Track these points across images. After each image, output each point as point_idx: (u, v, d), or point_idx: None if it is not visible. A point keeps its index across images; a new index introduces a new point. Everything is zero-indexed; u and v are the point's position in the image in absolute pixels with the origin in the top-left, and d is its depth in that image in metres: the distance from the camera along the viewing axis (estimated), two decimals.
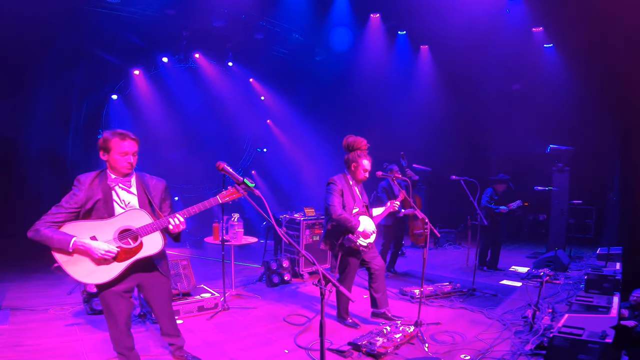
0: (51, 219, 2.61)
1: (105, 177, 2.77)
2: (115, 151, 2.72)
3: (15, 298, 4.79)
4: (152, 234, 2.76)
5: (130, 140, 2.77)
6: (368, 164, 4.13)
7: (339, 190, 4.03)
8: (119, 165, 2.75)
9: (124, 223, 2.71)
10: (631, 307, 3.96)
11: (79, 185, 2.69)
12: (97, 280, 2.66)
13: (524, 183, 7.63)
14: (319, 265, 2.21)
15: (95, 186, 2.71)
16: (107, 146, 2.73)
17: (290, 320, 4.43)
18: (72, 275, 2.62)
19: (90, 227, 2.65)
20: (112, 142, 2.72)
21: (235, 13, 7.64)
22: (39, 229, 2.57)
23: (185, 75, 8.98)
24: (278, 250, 6.94)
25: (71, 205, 2.65)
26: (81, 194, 2.67)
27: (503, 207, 6.51)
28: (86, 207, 2.68)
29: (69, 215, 2.65)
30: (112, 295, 2.76)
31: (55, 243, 2.56)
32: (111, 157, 2.74)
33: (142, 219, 2.75)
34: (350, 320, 4.31)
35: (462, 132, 9.91)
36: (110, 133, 2.76)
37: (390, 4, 8.41)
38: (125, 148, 2.74)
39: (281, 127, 10.83)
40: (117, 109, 8.27)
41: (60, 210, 2.63)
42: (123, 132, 2.77)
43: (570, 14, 7.25)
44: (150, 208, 2.87)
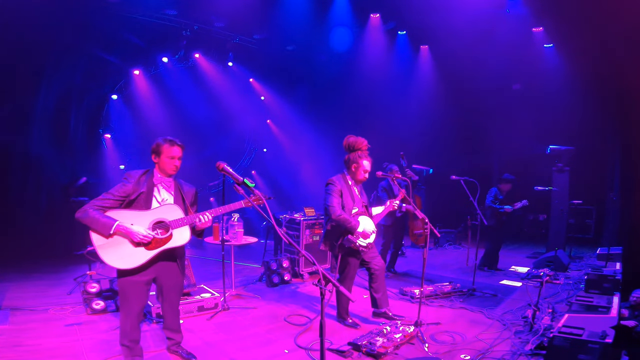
0: (100, 203, 2.93)
1: (152, 175, 3.15)
2: (165, 155, 3.11)
3: (15, 298, 4.79)
4: (182, 228, 3.07)
5: (178, 146, 3.16)
6: (368, 165, 4.13)
7: (338, 191, 4.03)
8: (167, 167, 3.13)
9: (159, 215, 3.03)
10: (631, 307, 3.96)
11: (129, 178, 3.05)
12: (126, 265, 2.90)
13: (524, 183, 7.63)
14: (319, 265, 2.21)
15: (142, 181, 3.08)
16: (159, 150, 3.13)
17: (290, 320, 4.43)
18: (103, 258, 2.85)
19: (130, 216, 2.96)
20: (163, 147, 3.12)
21: (235, 13, 7.63)
22: (87, 210, 2.87)
23: (185, 76, 8.97)
24: (278, 250, 6.94)
25: (120, 193, 2.99)
26: (130, 186, 3.02)
27: (508, 206, 6.50)
28: (131, 197, 3.01)
29: (115, 203, 2.97)
30: (133, 284, 2.98)
31: (99, 225, 2.84)
32: (161, 160, 3.13)
33: (175, 213, 3.08)
34: (350, 321, 4.31)
35: (462, 132, 9.91)
36: (162, 139, 3.16)
37: (390, 4, 8.40)
38: (174, 153, 3.13)
39: (281, 127, 10.82)
40: (117, 109, 8.27)
41: (108, 197, 2.96)
42: (172, 139, 3.16)
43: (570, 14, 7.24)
44: (183, 206, 3.18)
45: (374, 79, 9.70)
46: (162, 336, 3.89)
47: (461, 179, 5.62)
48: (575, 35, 7.69)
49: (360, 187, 4.36)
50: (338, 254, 4.09)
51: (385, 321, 4.28)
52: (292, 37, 8.93)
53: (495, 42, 8.22)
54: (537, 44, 8.73)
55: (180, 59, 8.64)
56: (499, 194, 6.64)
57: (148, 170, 3.17)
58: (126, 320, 3.04)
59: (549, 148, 8.03)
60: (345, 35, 8.90)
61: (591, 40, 7.26)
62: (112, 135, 8.23)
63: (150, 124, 8.54)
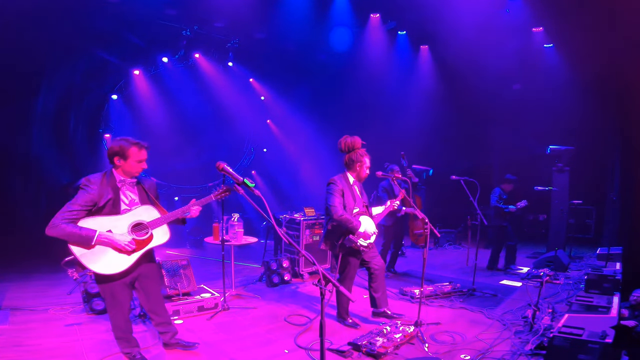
0: (68, 215, 2.81)
1: (113, 177, 3.04)
2: (133, 159, 3.02)
3: (15, 298, 4.79)
4: (161, 227, 3.10)
5: (145, 150, 3.10)
6: (369, 162, 4.20)
7: (339, 191, 4.04)
8: (134, 170, 3.06)
9: (135, 217, 3.03)
10: (631, 307, 3.96)
11: (90, 185, 2.93)
12: (113, 270, 2.90)
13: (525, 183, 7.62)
14: (319, 265, 2.21)
15: (105, 185, 2.97)
16: (125, 153, 3.01)
17: (291, 320, 4.43)
18: (88, 266, 2.83)
19: (107, 223, 2.92)
20: (131, 151, 3.01)
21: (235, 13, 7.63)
22: (58, 225, 2.76)
23: (185, 75, 8.97)
24: (278, 250, 6.94)
25: (86, 202, 2.88)
26: (94, 193, 2.91)
27: (512, 206, 6.51)
28: (98, 204, 2.92)
29: (82, 213, 2.87)
30: (120, 286, 3.02)
31: (78, 238, 2.77)
32: (127, 163, 3.02)
33: (151, 213, 3.10)
34: (350, 321, 4.31)
35: (462, 132, 9.91)
36: (127, 142, 3.03)
37: (390, 4, 8.40)
38: (142, 156, 3.06)
39: (281, 127, 10.82)
40: (117, 109, 8.27)
41: (75, 208, 2.84)
42: (140, 142, 3.07)
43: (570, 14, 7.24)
44: (151, 203, 3.17)
45: (374, 79, 9.70)
46: None
47: (461, 179, 5.62)
48: (575, 35, 7.68)
49: (361, 186, 4.36)
50: (339, 254, 4.10)
51: (386, 321, 4.28)
52: (292, 37, 8.92)
53: (495, 42, 8.22)
54: (537, 44, 8.72)
55: (180, 59, 8.65)
56: (503, 194, 6.65)
57: (106, 172, 3.08)
58: (119, 318, 3.13)
59: (549, 148, 8.03)
60: (345, 35, 8.89)
61: (591, 40, 7.26)
62: (112, 135, 8.23)
63: (150, 124, 8.55)
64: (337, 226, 4.04)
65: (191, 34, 8.17)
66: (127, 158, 3.02)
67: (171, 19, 7.74)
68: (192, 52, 8.74)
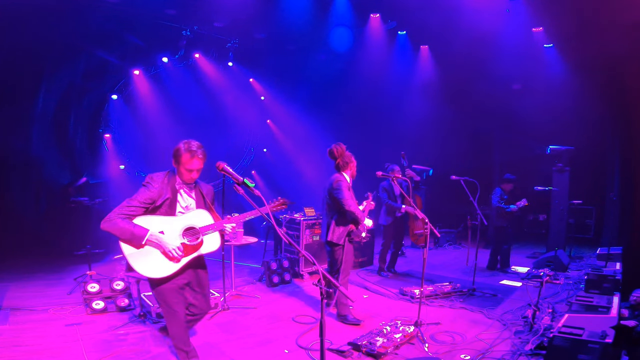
0: (126, 211, 2.77)
1: (174, 178, 2.99)
2: (183, 166, 2.91)
3: (15, 298, 4.79)
4: (212, 234, 3.02)
5: (198, 159, 2.93)
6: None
7: (347, 186, 4.35)
8: (184, 177, 2.96)
9: (189, 221, 2.96)
10: (631, 307, 3.96)
11: (152, 183, 2.89)
12: (159, 274, 2.81)
13: (525, 183, 7.63)
14: (319, 265, 2.22)
15: (165, 185, 2.93)
16: (178, 159, 2.93)
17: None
18: (135, 267, 2.75)
19: (160, 223, 2.86)
20: (183, 158, 2.90)
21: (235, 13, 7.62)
22: (114, 220, 2.72)
23: (186, 76, 8.96)
24: (278, 250, 6.94)
25: (145, 200, 2.84)
26: (155, 191, 2.87)
27: (513, 206, 6.52)
28: (156, 203, 2.87)
29: (140, 210, 2.83)
30: (171, 291, 2.91)
31: (129, 234, 2.71)
32: (179, 169, 2.95)
33: (204, 218, 3.02)
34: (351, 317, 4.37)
35: (462, 132, 9.90)
36: (184, 146, 2.92)
37: (390, 4, 8.40)
38: (192, 166, 2.92)
39: (281, 127, 10.82)
40: (117, 109, 8.26)
41: (134, 204, 2.80)
42: (194, 150, 2.91)
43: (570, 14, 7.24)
44: (206, 208, 3.09)
45: (374, 79, 9.69)
46: (161, 335, 3.90)
47: (461, 179, 5.62)
48: (575, 35, 7.68)
49: None
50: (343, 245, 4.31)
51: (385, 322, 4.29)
52: (292, 37, 8.92)
53: (495, 42, 8.21)
54: (537, 44, 8.71)
55: (180, 59, 8.64)
56: (504, 194, 6.66)
57: (169, 172, 3.01)
58: (176, 325, 2.99)
59: (549, 148, 8.03)
60: (345, 35, 8.89)
61: (591, 40, 7.26)
62: (112, 135, 8.23)
63: (150, 124, 8.54)
64: (343, 220, 4.30)
65: (191, 34, 8.16)
66: (179, 164, 2.94)
67: (171, 19, 7.73)
68: (192, 52, 8.74)
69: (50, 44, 6.81)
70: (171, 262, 2.85)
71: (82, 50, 7.27)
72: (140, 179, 9.11)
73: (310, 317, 4.53)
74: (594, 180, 8.82)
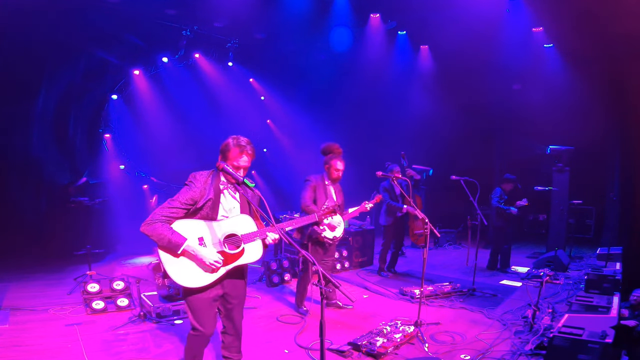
0: (168, 212, 2.57)
1: (217, 177, 2.76)
2: (231, 162, 2.71)
3: (15, 298, 4.79)
4: (254, 242, 2.76)
5: (248, 155, 2.76)
6: (340, 165, 4.55)
7: (312, 186, 4.49)
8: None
9: (230, 228, 2.71)
10: (631, 307, 3.96)
11: (194, 182, 2.67)
12: (194, 284, 2.58)
13: (525, 183, 7.64)
14: (318, 265, 2.22)
15: (208, 185, 2.70)
16: (226, 155, 2.74)
17: (284, 320, 4.46)
18: (170, 274, 2.56)
19: (200, 227, 2.64)
20: (232, 153, 2.72)
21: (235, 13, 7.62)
22: (154, 225, 2.51)
23: (186, 76, 8.96)
24: (278, 250, 6.94)
25: (187, 200, 2.63)
26: (197, 191, 2.65)
27: (513, 208, 6.50)
28: (198, 204, 2.65)
29: (183, 211, 2.62)
30: (203, 302, 2.66)
31: (166, 242, 2.50)
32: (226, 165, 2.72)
33: (247, 225, 2.76)
34: (304, 309, 4.60)
35: (462, 132, 9.90)
36: (233, 140, 2.75)
37: (390, 4, 8.40)
38: (241, 163, 2.73)
39: (281, 127, 10.82)
40: (117, 109, 8.26)
41: (176, 205, 2.60)
42: (243, 145, 2.74)
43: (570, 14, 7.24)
44: (250, 214, 2.84)
45: (374, 79, 9.69)
46: (161, 335, 3.90)
47: (461, 179, 5.62)
48: (575, 35, 7.68)
49: (338, 189, 4.68)
50: (307, 244, 4.44)
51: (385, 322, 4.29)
52: (292, 37, 8.92)
53: (495, 42, 8.21)
54: (537, 44, 8.72)
55: (180, 59, 8.64)
56: (504, 194, 6.65)
57: (213, 171, 2.78)
58: (195, 341, 2.73)
59: (549, 148, 8.03)
60: (345, 35, 8.89)
61: (591, 40, 7.26)
62: (112, 135, 8.23)
63: (150, 124, 8.54)
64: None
65: (191, 34, 8.16)
66: (226, 159, 2.73)
67: (171, 19, 7.73)
68: (192, 52, 8.74)
69: (50, 44, 6.81)
70: (208, 273, 2.62)
71: (82, 50, 7.27)
72: (141, 179, 9.14)
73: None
74: (594, 180, 8.83)
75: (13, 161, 6.96)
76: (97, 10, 6.75)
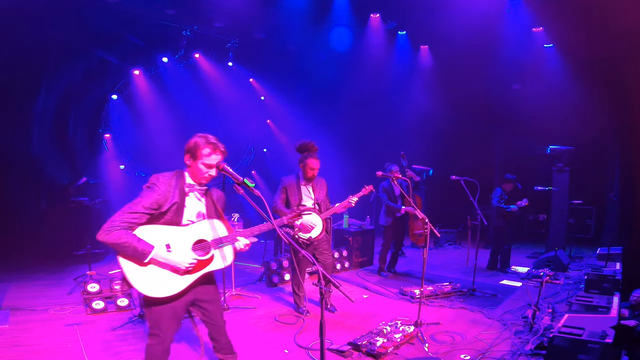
0: (129, 219, 2.35)
1: (182, 179, 2.58)
2: (201, 162, 2.54)
3: (15, 298, 4.79)
4: (225, 247, 2.64)
5: (220, 153, 2.59)
6: (315, 163, 4.49)
7: (282, 189, 4.54)
8: (200, 175, 2.57)
9: (199, 233, 2.57)
10: (631, 307, 3.96)
11: (158, 184, 2.47)
12: (163, 293, 2.42)
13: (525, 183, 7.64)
14: (318, 265, 2.22)
15: (173, 188, 2.50)
16: (195, 154, 2.55)
17: (284, 320, 4.46)
18: (134, 285, 2.38)
19: (166, 234, 2.45)
20: (201, 151, 2.54)
21: (235, 13, 7.63)
22: (116, 232, 2.30)
23: (186, 76, 8.96)
24: (278, 250, 6.94)
25: (151, 205, 2.41)
26: (161, 193, 2.45)
27: (513, 206, 6.51)
28: (162, 209, 2.45)
29: (146, 217, 2.41)
30: (168, 311, 2.49)
31: (131, 250, 2.31)
32: (196, 164, 2.55)
33: (217, 230, 2.62)
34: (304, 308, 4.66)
35: (462, 132, 9.90)
36: (203, 140, 2.56)
37: (390, 4, 8.40)
38: (213, 161, 2.56)
39: (281, 127, 10.82)
40: (117, 109, 8.26)
41: (138, 209, 2.38)
42: (214, 142, 2.57)
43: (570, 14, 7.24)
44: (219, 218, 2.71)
45: (374, 79, 9.70)
46: None
47: (461, 179, 5.62)
48: (575, 35, 7.68)
49: (319, 186, 4.61)
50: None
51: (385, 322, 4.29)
52: (292, 37, 8.92)
53: (495, 42, 8.22)
54: (537, 44, 8.72)
55: (180, 59, 8.64)
56: (504, 194, 6.65)
57: (177, 172, 2.60)
58: (155, 349, 2.50)
59: (549, 148, 8.03)
60: (345, 35, 8.89)
61: (591, 40, 7.26)
62: (112, 135, 8.23)
63: (150, 124, 8.54)
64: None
65: (191, 34, 8.17)
66: (196, 158, 2.54)
67: (171, 19, 7.74)
68: (192, 52, 8.74)
69: (50, 44, 6.81)
70: (177, 280, 2.47)
71: (82, 50, 7.27)
72: (141, 179, 9.13)
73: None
74: (594, 180, 8.82)
75: (13, 161, 6.96)
76: (97, 10, 6.76)
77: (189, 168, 2.59)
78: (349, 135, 10.29)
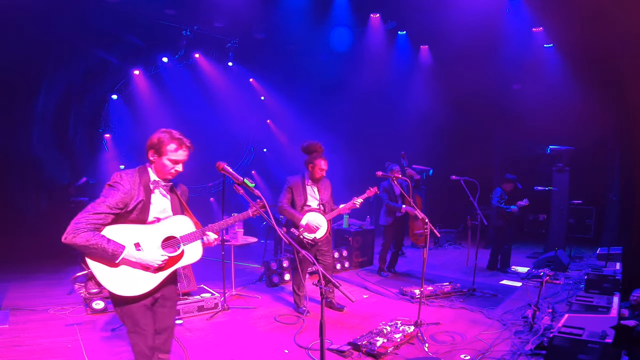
0: (94, 220, 2.28)
1: (146, 175, 2.53)
2: (167, 158, 2.49)
3: (15, 298, 4.79)
4: (194, 243, 2.63)
5: (186, 149, 2.55)
6: (324, 164, 4.50)
7: (288, 189, 4.53)
8: (166, 170, 2.52)
9: (168, 230, 2.55)
10: (631, 307, 3.97)
11: (122, 182, 2.42)
12: (134, 292, 2.41)
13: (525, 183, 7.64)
14: (318, 265, 2.22)
15: (137, 185, 2.46)
16: (161, 148, 2.49)
17: (284, 320, 4.45)
18: (104, 284, 2.36)
19: (134, 232, 2.42)
20: (167, 147, 2.48)
21: (235, 13, 7.63)
22: (83, 234, 2.23)
23: (186, 75, 8.96)
24: (278, 250, 6.94)
25: (117, 204, 2.36)
26: (126, 192, 2.40)
27: (513, 206, 6.51)
28: (128, 207, 2.41)
29: (111, 217, 2.36)
30: (142, 309, 2.48)
31: (100, 251, 2.26)
32: (161, 160, 2.50)
33: (185, 226, 2.61)
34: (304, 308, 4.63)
35: (462, 132, 9.90)
36: (168, 135, 2.51)
37: (390, 4, 8.40)
38: (180, 157, 2.53)
39: (281, 127, 10.82)
40: (117, 109, 8.26)
41: (103, 210, 2.31)
42: (182, 139, 2.53)
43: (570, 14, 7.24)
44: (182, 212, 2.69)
45: (374, 79, 9.69)
46: None
47: (461, 179, 5.62)
48: (575, 35, 7.69)
49: (324, 186, 4.62)
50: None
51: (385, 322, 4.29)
52: (292, 37, 8.92)
53: (495, 42, 8.22)
54: (537, 44, 8.72)
55: (180, 59, 8.64)
56: (504, 194, 6.65)
57: (140, 168, 2.55)
58: (140, 345, 2.51)
59: (549, 148, 8.03)
60: (345, 35, 8.89)
61: (591, 40, 7.26)
62: (112, 135, 8.23)
63: (150, 124, 8.54)
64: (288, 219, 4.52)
65: (191, 34, 8.17)
66: (161, 154, 2.49)
67: (171, 19, 7.73)
68: (192, 52, 8.74)
69: (50, 44, 6.81)
70: (149, 278, 2.45)
71: (82, 50, 7.27)
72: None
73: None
74: (594, 180, 8.82)
75: (13, 161, 6.96)
76: (97, 10, 6.75)
77: (152, 164, 2.54)
78: (349, 135, 10.29)
